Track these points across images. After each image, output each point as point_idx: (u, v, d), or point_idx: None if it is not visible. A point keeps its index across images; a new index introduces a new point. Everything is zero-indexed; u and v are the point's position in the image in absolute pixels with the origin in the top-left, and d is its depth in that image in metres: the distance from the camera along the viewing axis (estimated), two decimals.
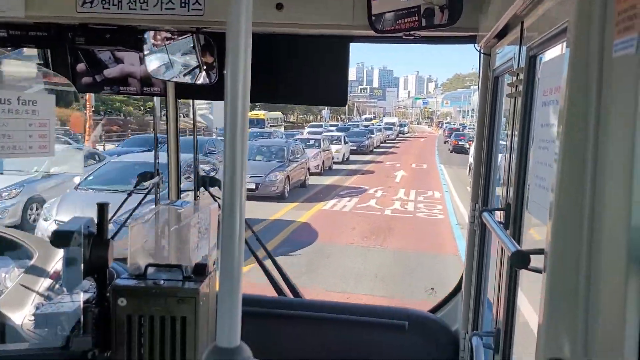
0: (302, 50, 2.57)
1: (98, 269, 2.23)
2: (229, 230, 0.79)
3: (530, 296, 2.55)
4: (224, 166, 0.79)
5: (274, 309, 2.95)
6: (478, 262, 2.53)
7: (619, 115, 0.81)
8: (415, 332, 2.79)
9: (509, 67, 1.90)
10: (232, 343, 0.80)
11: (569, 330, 0.90)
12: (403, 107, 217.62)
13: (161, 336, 2.13)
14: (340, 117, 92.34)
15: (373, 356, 2.80)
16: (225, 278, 0.80)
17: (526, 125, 1.63)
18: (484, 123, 2.42)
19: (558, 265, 0.93)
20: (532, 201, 1.46)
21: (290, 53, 2.59)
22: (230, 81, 0.76)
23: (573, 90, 0.93)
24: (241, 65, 0.75)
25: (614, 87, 0.84)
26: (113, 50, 2.80)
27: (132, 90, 2.93)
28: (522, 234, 1.69)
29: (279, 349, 2.79)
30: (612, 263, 0.80)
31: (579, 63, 0.92)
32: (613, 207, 0.82)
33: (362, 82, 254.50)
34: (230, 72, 0.76)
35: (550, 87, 1.26)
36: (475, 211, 2.52)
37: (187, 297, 2.13)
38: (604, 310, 0.83)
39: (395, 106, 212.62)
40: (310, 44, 2.53)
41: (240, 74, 0.75)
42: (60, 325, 2.14)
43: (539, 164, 1.36)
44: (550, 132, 1.24)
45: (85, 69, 2.82)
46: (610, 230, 0.82)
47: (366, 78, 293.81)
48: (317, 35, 2.48)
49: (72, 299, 2.25)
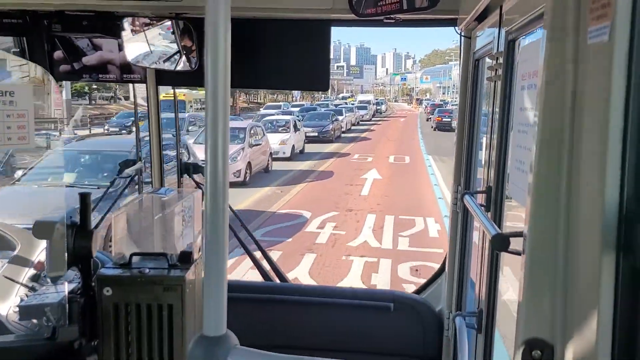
0: (283, 35, 2.56)
1: (82, 259, 2.22)
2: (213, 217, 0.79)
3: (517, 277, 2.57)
4: (206, 153, 0.80)
5: (261, 294, 2.97)
6: (461, 244, 2.56)
7: (594, 101, 0.83)
8: (400, 314, 2.84)
9: (489, 51, 1.91)
10: (218, 331, 0.81)
11: (548, 310, 0.93)
12: (381, 85, 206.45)
13: (148, 324, 2.13)
14: (314, 96, 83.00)
15: (360, 338, 2.84)
16: (210, 265, 0.80)
17: (506, 108, 1.64)
18: (465, 106, 2.44)
19: (536, 247, 0.95)
20: (512, 184, 1.48)
21: (271, 38, 2.57)
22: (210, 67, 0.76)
23: (550, 75, 0.94)
24: (221, 50, 0.75)
25: (589, 73, 0.85)
26: (91, 38, 2.75)
27: (112, 77, 2.89)
28: (503, 216, 1.72)
29: (266, 334, 2.81)
30: (588, 245, 0.83)
31: (556, 48, 0.93)
32: (589, 190, 0.84)
33: (339, 60, 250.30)
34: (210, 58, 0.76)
35: (528, 72, 1.27)
36: (458, 193, 2.55)
37: (173, 285, 2.13)
38: (581, 291, 0.86)
39: (373, 84, 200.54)
40: (290, 28, 2.51)
41: (220, 60, 0.75)
42: (46, 316, 2.13)
43: (518, 148, 1.38)
44: (528, 116, 1.25)
45: (62, 57, 2.77)
46: (586, 213, 0.84)
47: (343, 56, 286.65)
48: (298, 19, 2.47)
49: (57, 289, 2.24)
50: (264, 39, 2.56)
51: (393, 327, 2.84)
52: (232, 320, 0.85)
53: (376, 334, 2.84)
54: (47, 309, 2.13)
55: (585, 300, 0.83)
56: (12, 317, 2.33)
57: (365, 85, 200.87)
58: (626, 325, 0.76)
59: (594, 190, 0.80)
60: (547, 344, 0.93)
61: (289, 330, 2.89)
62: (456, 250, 2.60)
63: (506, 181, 1.66)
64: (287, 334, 2.88)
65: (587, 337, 0.81)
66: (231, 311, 0.84)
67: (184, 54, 2.56)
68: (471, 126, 2.40)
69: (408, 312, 2.84)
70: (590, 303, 0.80)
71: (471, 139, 2.41)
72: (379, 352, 2.81)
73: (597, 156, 0.79)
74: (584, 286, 0.85)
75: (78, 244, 2.19)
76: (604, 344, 0.77)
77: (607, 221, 0.76)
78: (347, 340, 2.85)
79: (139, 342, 2.13)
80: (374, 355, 2.84)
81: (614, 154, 0.75)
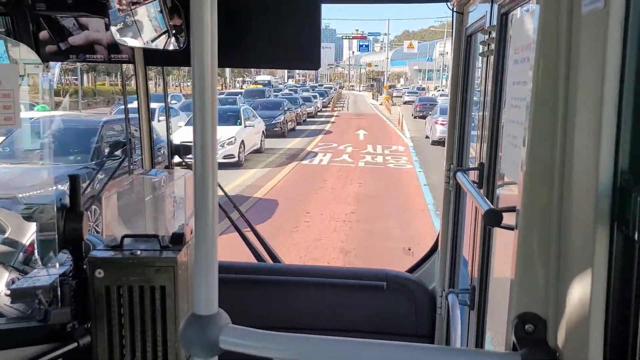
0: (272, 12, 2.52)
1: (73, 241, 2.21)
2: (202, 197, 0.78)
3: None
4: (194, 134, 0.78)
5: (254, 275, 2.97)
6: (453, 222, 2.57)
7: (588, 72, 0.82)
8: (393, 292, 2.85)
9: (482, 26, 1.89)
10: (209, 310, 0.81)
11: (541, 285, 0.93)
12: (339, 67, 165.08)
13: (141, 306, 2.13)
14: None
15: (353, 317, 2.86)
16: (200, 244, 0.79)
17: (498, 83, 1.63)
18: (458, 83, 2.42)
19: (529, 222, 0.94)
20: (505, 159, 1.47)
21: (260, 15, 2.53)
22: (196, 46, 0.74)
23: (544, 47, 0.93)
24: (207, 29, 0.73)
25: (583, 43, 0.84)
26: (77, 17, 2.70)
27: (99, 57, 2.85)
28: (496, 192, 1.72)
29: (259, 315, 2.82)
30: (582, 217, 0.82)
31: (549, 19, 0.92)
32: (582, 164, 0.83)
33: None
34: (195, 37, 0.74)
35: (521, 45, 1.25)
36: (450, 171, 2.54)
37: (165, 266, 2.13)
38: (574, 264, 0.85)
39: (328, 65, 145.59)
40: (280, 5, 2.48)
41: (206, 38, 0.73)
42: (38, 299, 2.12)
43: (511, 123, 1.37)
44: (522, 90, 1.24)
45: (48, 37, 2.72)
46: (580, 185, 0.84)
47: None
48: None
49: (49, 272, 2.23)
50: (252, 17, 2.53)
51: (386, 306, 2.85)
52: (224, 301, 0.84)
53: (369, 313, 2.85)
54: (39, 292, 2.12)
55: (578, 273, 0.83)
56: (4, 300, 2.32)
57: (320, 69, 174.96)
58: (619, 297, 0.76)
59: (588, 161, 0.79)
60: (540, 318, 0.93)
61: (282, 311, 2.90)
62: (449, 228, 2.60)
63: (499, 158, 1.66)
64: (279, 315, 2.89)
65: (580, 310, 0.81)
66: (223, 292, 0.83)
67: (172, 33, 2.52)
68: (463, 103, 2.39)
69: (401, 290, 2.86)
70: (583, 276, 0.80)
71: (463, 116, 2.40)
72: (372, 331, 2.83)
73: (592, 127, 0.78)
74: (577, 259, 0.84)
75: (69, 226, 2.18)
76: (597, 317, 0.77)
77: (601, 192, 0.75)
78: (340, 319, 2.86)
79: (132, 324, 2.13)
80: (367, 334, 2.86)
81: (609, 125, 0.74)
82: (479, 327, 1.83)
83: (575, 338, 0.83)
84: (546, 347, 0.91)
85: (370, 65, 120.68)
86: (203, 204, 0.78)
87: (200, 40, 0.73)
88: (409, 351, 0.86)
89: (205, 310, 0.80)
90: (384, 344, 0.85)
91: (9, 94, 2.02)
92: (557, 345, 0.89)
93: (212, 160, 0.77)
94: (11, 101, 2.03)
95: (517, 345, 0.91)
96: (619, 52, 0.73)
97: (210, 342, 0.80)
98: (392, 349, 0.86)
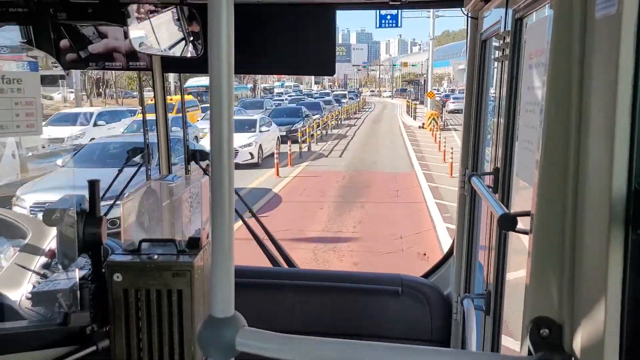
0: (287, 19, 2.54)
1: (92, 245, 2.24)
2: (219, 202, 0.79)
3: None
4: (211, 139, 0.80)
5: (270, 279, 2.99)
6: (469, 226, 2.56)
7: (602, 76, 0.82)
8: (408, 297, 2.84)
9: (496, 31, 1.89)
10: (226, 313, 0.82)
11: (555, 289, 0.93)
12: (371, 70, 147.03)
13: (158, 310, 2.15)
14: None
15: (368, 322, 2.85)
16: (217, 249, 0.81)
17: (513, 88, 1.63)
18: (473, 87, 2.42)
19: (544, 226, 0.94)
20: (519, 164, 1.47)
21: (275, 23, 2.56)
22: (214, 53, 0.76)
23: (557, 52, 0.93)
24: (224, 36, 0.75)
25: (597, 48, 0.84)
26: (96, 25, 2.75)
27: (118, 65, 2.89)
28: (511, 197, 1.71)
29: (274, 319, 2.83)
30: (596, 224, 0.82)
31: (563, 24, 0.92)
32: (596, 168, 0.83)
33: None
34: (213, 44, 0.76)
35: (536, 50, 1.26)
36: (465, 176, 2.54)
37: (182, 270, 2.15)
38: (589, 268, 0.85)
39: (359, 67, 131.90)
40: (295, 13, 2.50)
41: (223, 46, 0.75)
42: (58, 302, 2.16)
43: (526, 127, 1.37)
44: (536, 95, 1.24)
45: (69, 45, 2.77)
46: (593, 192, 0.84)
47: (343, 43, 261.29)
48: (302, 3, 2.45)
49: (68, 276, 2.27)
50: (269, 24, 2.55)
51: (401, 311, 2.85)
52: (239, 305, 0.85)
53: (384, 318, 2.85)
54: (59, 295, 2.16)
55: (593, 277, 0.83)
56: (25, 303, 2.36)
57: (347, 71, 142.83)
58: (635, 301, 0.76)
59: (602, 165, 0.79)
60: (555, 323, 0.92)
61: (296, 315, 2.91)
62: (464, 233, 2.59)
63: (514, 162, 1.65)
64: (293, 318, 2.90)
65: (595, 315, 0.81)
66: (238, 296, 0.84)
67: (189, 41, 2.56)
68: (478, 108, 2.39)
69: (416, 296, 2.85)
70: (598, 280, 0.80)
71: (478, 121, 2.40)
72: (388, 336, 2.83)
73: (606, 131, 0.78)
74: (592, 263, 0.84)
75: (88, 230, 2.21)
76: (613, 322, 0.77)
77: (616, 196, 0.75)
78: (355, 324, 2.86)
79: (149, 327, 2.16)
80: (382, 339, 2.85)
81: (623, 129, 0.75)
82: (495, 333, 1.83)
83: (590, 342, 0.83)
84: (562, 352, 0.90)
85: (405, 65, 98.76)
86: (219, 208, 0.79)
87: (218, 47, 0.75)
88: (429, 356, 0.86)
89: (221, 312, 0.81)
90: (404, 348, 0.85)
91: (31, 102, 2.07)
92: (572, 350, 0.89)
93: (228, 166, 0.78)
94: (34, 108, 2.07)
95: (532, 350, 0.91)
96: (632, 56, 0.73)
97: (227, 344, 0.81)
98: (414, 353, 0.86)
